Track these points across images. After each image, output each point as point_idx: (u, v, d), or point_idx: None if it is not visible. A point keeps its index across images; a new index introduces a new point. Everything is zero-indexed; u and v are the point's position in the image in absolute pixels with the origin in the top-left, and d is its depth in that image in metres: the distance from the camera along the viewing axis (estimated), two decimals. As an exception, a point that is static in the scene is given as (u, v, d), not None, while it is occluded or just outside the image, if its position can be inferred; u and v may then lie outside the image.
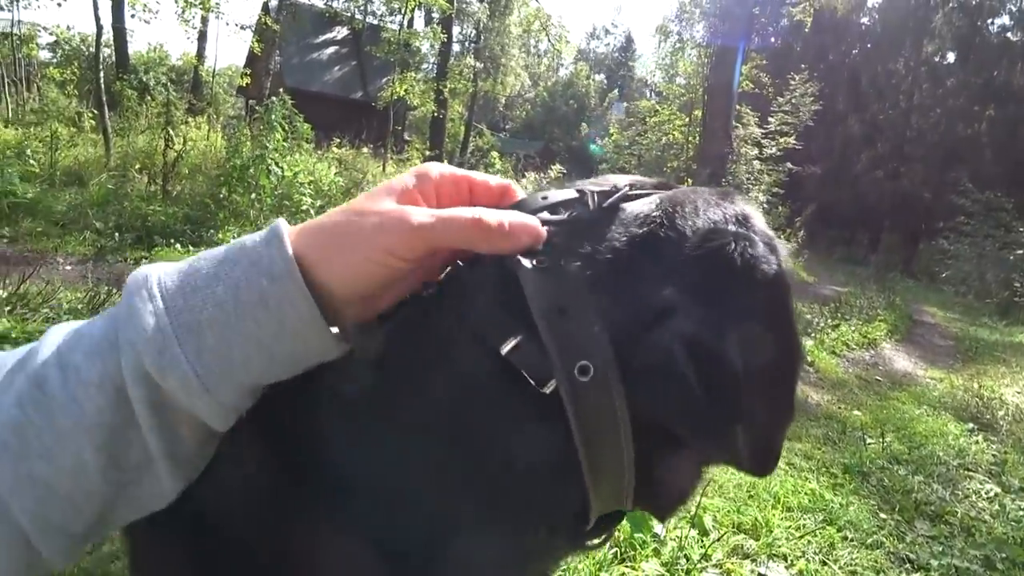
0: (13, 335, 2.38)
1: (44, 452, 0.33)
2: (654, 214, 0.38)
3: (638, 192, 0.41)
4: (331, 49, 19.39)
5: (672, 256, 0.37)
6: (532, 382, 0.34)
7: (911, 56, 19.39)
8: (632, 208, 0.39)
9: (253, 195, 6.00)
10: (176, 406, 0.34)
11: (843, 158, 18.39)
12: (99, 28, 6.92)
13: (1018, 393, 4.81)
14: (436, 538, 0.36)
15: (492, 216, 0.36)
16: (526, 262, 0.35)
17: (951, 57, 19.33)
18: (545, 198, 0.40)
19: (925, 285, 13.66)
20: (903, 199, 17.51)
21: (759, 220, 0.41)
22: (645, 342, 0.34)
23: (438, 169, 0.40)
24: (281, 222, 0.36)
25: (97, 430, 0.33)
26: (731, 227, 0.38)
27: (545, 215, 0.39)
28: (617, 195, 0.40)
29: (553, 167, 9.51)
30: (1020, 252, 11.59)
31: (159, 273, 0.35)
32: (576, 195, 0.40)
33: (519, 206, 0.40)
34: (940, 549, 2.32)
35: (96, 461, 0.33)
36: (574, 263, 0.36)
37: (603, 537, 0.41)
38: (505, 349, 0.34)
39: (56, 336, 0.36)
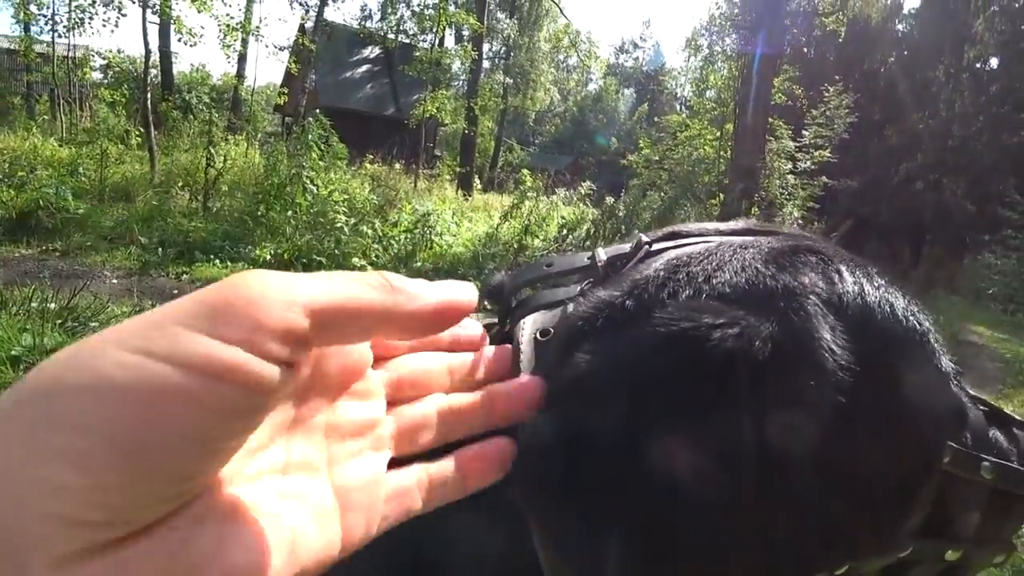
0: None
1: None
2: (634, 281, 0.29)
3: (663, 246, 0.32)
4: (364, 67, 19.88)
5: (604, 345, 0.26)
6: None
7: (951, 63, 18.81)
8: (632, 274, 0.30)
9: (289, 212, 6.18)
10: None
11: (881, 170, 17.91)
12: (147, 53, 7.29)
13: (1073, 416, 4.56)
14: None
15: None
16: None
17: (994, 63, 18.71)
18: (550, 265, 0.34)
19: (970, 302, 13.09)
20: (945, 211, 16.92)
21: (847, 289, 0.27)
22: None
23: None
24: None
25: None
26: (741, 311, 0.24)
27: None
28: (635, 258, 0.32)
29: (583, 184, 9.50)
30: (1073, 266, 11.07)
31: None
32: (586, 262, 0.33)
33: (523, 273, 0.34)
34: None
35: None
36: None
37: None
38: None
39: None
